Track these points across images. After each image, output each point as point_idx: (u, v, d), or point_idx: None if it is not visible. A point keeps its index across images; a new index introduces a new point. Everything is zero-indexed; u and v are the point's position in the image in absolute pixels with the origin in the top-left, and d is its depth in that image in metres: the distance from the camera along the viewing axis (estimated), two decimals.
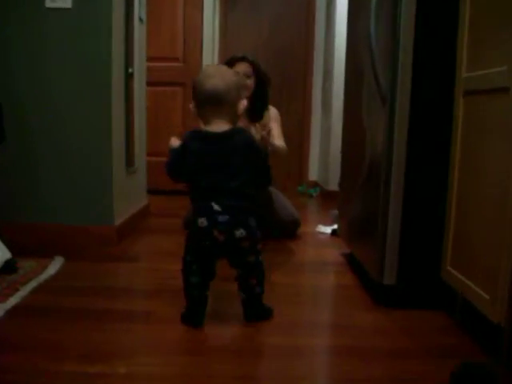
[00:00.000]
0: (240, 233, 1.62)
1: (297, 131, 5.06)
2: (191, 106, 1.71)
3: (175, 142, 1.75)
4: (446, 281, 1.77)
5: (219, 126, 1.66)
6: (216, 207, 1.60)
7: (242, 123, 1.78)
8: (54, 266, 2.25)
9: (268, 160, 1.78)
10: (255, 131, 2.52)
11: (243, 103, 1.71)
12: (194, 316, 1.72)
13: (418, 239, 1.85)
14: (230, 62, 2.77)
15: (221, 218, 1.60)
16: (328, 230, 3.11)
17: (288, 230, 2.94)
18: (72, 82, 2.59)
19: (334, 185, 4.16)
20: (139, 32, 3.18)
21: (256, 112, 2.81)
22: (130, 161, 2.99)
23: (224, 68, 1.80)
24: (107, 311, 1.81)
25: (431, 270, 1.83)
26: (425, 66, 1.74)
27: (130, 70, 3.01)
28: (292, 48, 5.05)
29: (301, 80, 5.08)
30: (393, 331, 1.72)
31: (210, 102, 1.63)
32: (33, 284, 2.01)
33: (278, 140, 2.80)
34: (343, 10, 4.05)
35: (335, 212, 3.28)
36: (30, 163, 2.64)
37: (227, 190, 1.62)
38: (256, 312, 1.76)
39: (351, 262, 2.44)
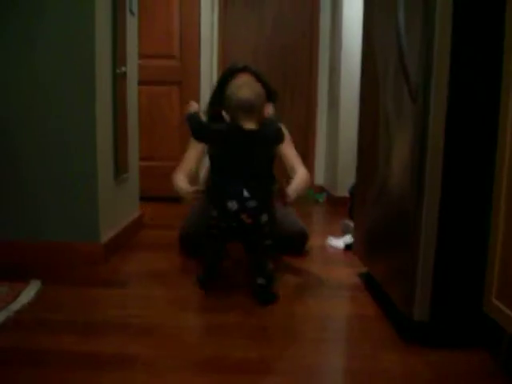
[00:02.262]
0: (264, 218, 1.87)
1: (301, 133, 4.76)
2: (224, 113, 1.95)
3: (194, 106, 2.05)
4: (489, 315, 1.47)
5: (249, 125, 1.89)
6: (246, 193, 1.82)
7: None
8: (28, 292, 1.95)
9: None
10: None
11: (268, 109, 2.01)
12: (206, 282, 2.03)
13: (457, 264, 1.54)
14: (230, 73, 2.41)
15: (250, 204, 1.83)
16: (340, 243, 2.81)
17: (295, 245, 2.64)
18: (50, 84, 2.30)
19: (342, 190, 3.89)
20: (130, 26, 2.88)
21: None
22: (120, 169, 2.69)
23: (252, 81, 2.12)
24: (87, 355, 1.51)
25: (472, 302, 1.53)
26: (465, 54, 1.44)
27: (124, 69, 2.72)
28: (295, 45, 4.76)
29: (305, 78, 4.79)
30: (427, 378, 1.42)
31: (243, 109, 1.88)
32: (1, 317, 1.71)
33: (296, 166, 2.50)
34: (350, 2, 3.82)
35: (346, 222, 3.01)
36: (3, 174, 2.35)
37: (256, 178, 1.87)
38: (270, 296, 1.93)
39: (369, 284, 2.14)
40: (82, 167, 2.33)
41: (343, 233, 2.97)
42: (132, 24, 2.93)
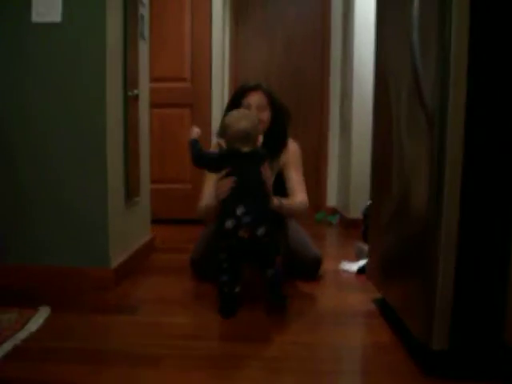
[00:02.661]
0: (261, 230, 1.94)
1: (314, 155, 4.74)
2: (221, 142, 2.08)
3: (194, 132, 2.15)
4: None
5: (244, 149, 2.04)
6: (240, 211, 1.93)
7: None
8: (37, 319, 1.92)
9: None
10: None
11: (260, 138, 2.10)
12: (225, 310, 2.02)
13: (477, 291, 1.48)
14: (242, 92, 2.46)
15: (245, 219, 1.93)
16: (353, 267, 2.76)
17: (309, 271, 2.58)
18: (61, 108, 2.30)
19: (355, 212, 3.84)
20: (141, 50, 2.89)
21: (272, 149, 2.42)
22: (131, 192, 2.67)
23: (248, 112, 2.19)
24: None
25: (494, 331, 1.47)
26: (483, 76, 1.40)
27: (136, 92, 2.72)
28: (307, 67, 4.76)
29: (317, 101, 4.78)
30: None
31: (240, 138, 2.03)
32: (7, 346, 1.68)
33: (297, 192, 2.50)
34: (361, 28, 3.82)
35: (360, 245, 2.96)
36: (13, 198, 2.35)
37: (252, 195, 1.99)
38: (279, 295, 2.05)
39: (384, 310, 2.09)
40: (91, 191, 2.32)
41: (357, 257, 2.92)
42: (143, 48, 2.94)
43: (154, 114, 3.86)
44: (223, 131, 2.08)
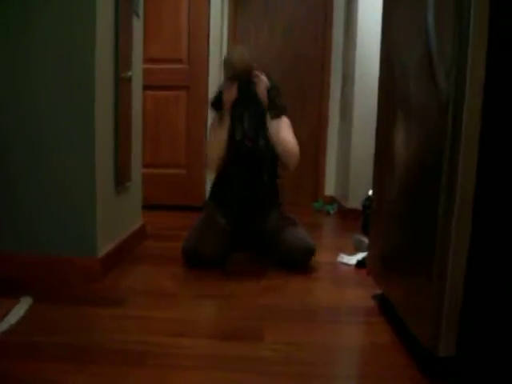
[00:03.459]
0: (261, 142, 2.55)
1: (312, 141, 4.63)
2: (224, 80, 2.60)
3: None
4: None
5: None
6: (246, 126, 2.54)
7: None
8: (18, 311, 1.82)
9: None
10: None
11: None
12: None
13: (489, 291, 1.37)
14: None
15: (248, 133, 2.54)
16: (352, 260, 2.65)
17: (299, 260, 2.47)
18: (47, 89, 2.17)
19: (354, 202, 3.74)
20: (135, 29, 2.75)
21: (275, 107, 2.57)
22: (121, 177, 2.56)
23: (243, 48, 2.74)
24: None
25: (504, 337, 1.38)
26: (503, 59, 1.29)
27: (129, 73, 2.59)
28: (308, 50, 4.62)
29: (318, 85, 4.65)
30: None
31: (242, 69, 2.46)
32: None
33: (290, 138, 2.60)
34: (365, 10, 3.68)
35: (359, 237, 2.86)
36: None
37: (252, 117, 2.54)
38: None
39: (384, 307, 1.99)
40: (79, 176, 2.20)
41: (356, 249, 2.82)
42: (137, 27, 2.81)
43: (148, 96, 3.74)
44: (228, 67, 2.52)
